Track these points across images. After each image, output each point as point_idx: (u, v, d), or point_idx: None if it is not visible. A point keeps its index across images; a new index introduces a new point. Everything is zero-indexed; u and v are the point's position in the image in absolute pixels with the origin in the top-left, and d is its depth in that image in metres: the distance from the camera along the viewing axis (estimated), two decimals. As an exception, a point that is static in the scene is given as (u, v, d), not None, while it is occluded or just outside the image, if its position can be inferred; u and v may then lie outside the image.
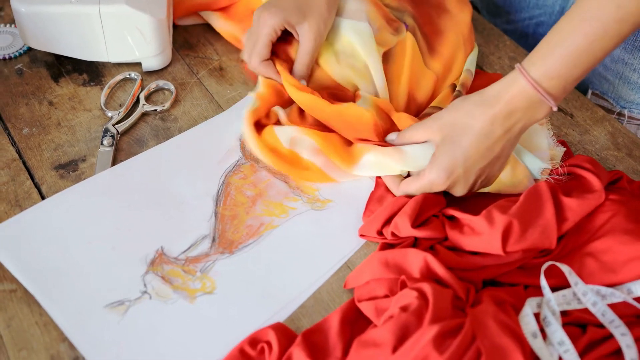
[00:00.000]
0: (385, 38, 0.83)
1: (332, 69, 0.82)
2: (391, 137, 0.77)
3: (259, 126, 0.80)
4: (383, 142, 0.77)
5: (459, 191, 0.72)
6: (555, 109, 0.68)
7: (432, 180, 0.71)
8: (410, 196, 0.72)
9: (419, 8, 0.88)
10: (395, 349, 0.59)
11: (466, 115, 0.69)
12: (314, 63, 0.83)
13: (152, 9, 0.84)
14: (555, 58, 0.66)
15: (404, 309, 0.61)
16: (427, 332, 0.58)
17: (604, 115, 0.87)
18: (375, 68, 0.80)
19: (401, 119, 0.77)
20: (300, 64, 0.81)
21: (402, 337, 0.59)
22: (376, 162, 0.75)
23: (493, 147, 0.69)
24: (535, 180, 0.75)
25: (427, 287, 0.62)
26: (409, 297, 0.62)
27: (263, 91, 0.81)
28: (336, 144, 0.77)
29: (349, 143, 0.79)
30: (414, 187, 0.72)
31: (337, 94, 0.81)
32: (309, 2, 0.80)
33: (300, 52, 0.81)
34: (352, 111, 0.77)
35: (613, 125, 0.85)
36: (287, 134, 0.78)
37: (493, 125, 0.68)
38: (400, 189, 0.74)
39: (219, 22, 0.92)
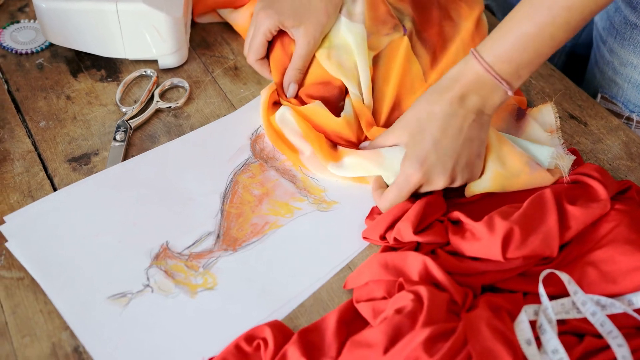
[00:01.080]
0: (377, 42, 0.83)
1: (323, 62, 0.82)
2: (364, 145, 0.79)
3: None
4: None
5: (439, 182, 0.71)
6: (510, 93, 0.70)
7: (407, 174, 0.71)
8: (412, 200, 0.72)
9: (424, 13, 0.88)
10: (387, 350, 0.59)
11: (426, 103, 0.72)
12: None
13: (168, 7, 0.85)
14: (506, 43, 0.68)
15: (398, 311, 0.61)
16: (419, 334, 0.58)
17: (618, 125, 0.86)
18: (362, 70, 0.81)
19: (374, 134, 0.78)
20: (292, 68, 0.82)
21: (394, 338, 0.59)
22: (354, 164, 0.76)
23: (461, 127, 0.70)
24: (549, 170, 0.74)
25: (423, 290, 0.62)
26: (404, 299, 0.62)
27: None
28: (321, 138, 0.79)
29: (334, 144, 0.80)
30: (392, 189, 0.72)
31: (327, 84, 0.82)
32: (306, 6, 0.80)
33: (294, 56, 0.82)
34: (321, 114, 0.79)
35: (627, 135, 0.84)
36: (280, 112, 0.80)
37: (452, 106, 0.70)
38: (382, 200, 0.74)
39: (238, 17, 0.93)
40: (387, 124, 0.81)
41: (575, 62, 1.08)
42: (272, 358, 0.63)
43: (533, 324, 0.63)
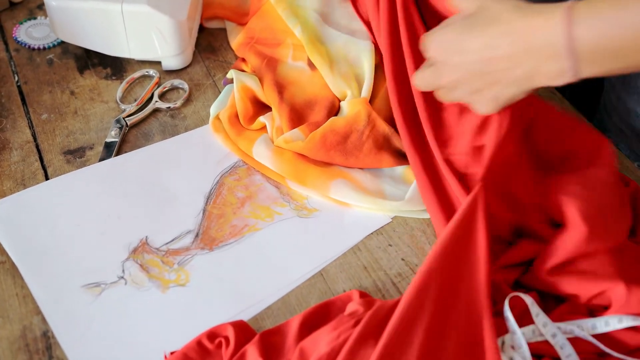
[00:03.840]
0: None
1: (326, 77, 0.83)
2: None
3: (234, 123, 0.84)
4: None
5: (442, 76, 0.67)
6: (569, 75, 0.59)
7: (430, 39, 0.66)
8: None
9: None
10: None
11: (500, 9, 0.62)
12: (313, 67, 0.85)
13: (173, 10, 0.87)
14: (607, 13, 0.56)
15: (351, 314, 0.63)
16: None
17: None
18: (368, 79, 0.82)
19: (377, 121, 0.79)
20: None
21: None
22: (348, 187, 0.77)
23: (494, 57, 0.62)
24: None
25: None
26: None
27: (238, 97, 0.84)
28: (308, 173, 0.79)
29: (321, 166, 0.80)
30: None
31: (313, 105, 0.83)
32: None
33: None
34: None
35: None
36: (262, 158, 0.80)
37: (506, 36, 0.61)
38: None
39: (232, 38, 0.96)
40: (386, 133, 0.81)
41: (586, 95, 1.05)
42: (232, 356, 0.64)
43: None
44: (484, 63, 0.63)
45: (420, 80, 0.70)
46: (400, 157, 0.79)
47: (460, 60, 0.64)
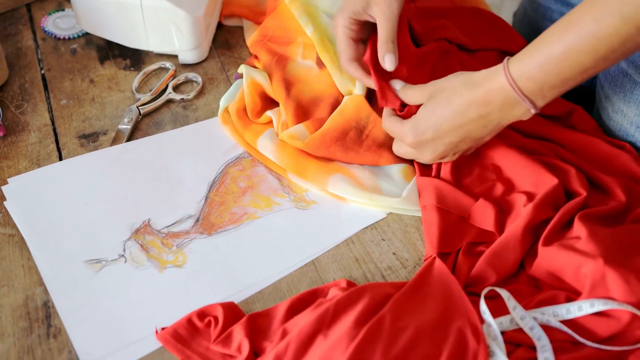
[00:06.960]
0: None
1: (334, 75, 0.86)
2: (395, 85, 0.79)
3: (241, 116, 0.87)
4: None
5: (425, 156, 0.78)
6: (533, 111, 0.70)
7: (403, 132, 0.77)
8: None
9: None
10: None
11: (452, 90, 0.73)
12: (321, 65, 0.87)
13: (190, 6, 0.91)
14: (533, 60, 0.68)
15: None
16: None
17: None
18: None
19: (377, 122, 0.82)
20: (381, 42, 0.79)
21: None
22: (346, 182, 0.80)
23: (466, 127, 0.73)
24: None
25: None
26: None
27: (247, 91, 0.88)
28: (308, 167, 0.82)
29: (322, 161, 0.83)
30: (397, 143, 0.81)
31: (318, 102, 0.86)
32: None
33: (379, 31, 0.79)
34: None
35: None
36: (266, 151, 0.84)
37: (470, 108, 0.72)
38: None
39: (248, 36, 0.99)
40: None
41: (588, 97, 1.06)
42: (219, 335, 0.67)
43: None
44: (457, 131, 0.74)
45: (402, 153, 0.81)
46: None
47: (436, 136, 0.75)
